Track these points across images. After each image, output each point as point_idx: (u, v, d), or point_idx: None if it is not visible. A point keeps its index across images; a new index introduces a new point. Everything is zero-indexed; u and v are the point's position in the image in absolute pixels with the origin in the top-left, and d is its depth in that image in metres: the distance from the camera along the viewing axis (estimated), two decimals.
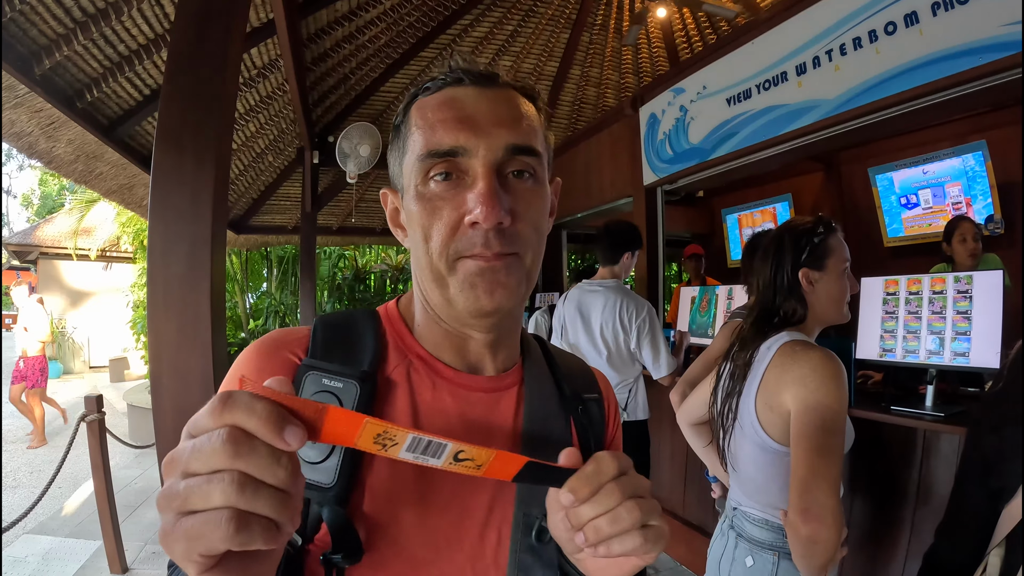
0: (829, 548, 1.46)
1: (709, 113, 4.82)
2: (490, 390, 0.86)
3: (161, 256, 2.35)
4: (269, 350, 0.81)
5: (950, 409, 2.64)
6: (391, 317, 0.90)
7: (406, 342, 0.87)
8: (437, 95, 0.80)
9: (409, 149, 0.80)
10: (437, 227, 0.76)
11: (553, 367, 0.97)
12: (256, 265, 11.64)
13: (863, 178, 6.73)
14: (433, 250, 0.77)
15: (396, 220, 0.89)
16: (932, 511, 2.62)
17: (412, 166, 0.79)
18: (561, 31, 7.27)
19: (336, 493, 0.72)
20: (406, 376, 0.83)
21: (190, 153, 2.37)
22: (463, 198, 0.75)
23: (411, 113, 0.82)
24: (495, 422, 0.85)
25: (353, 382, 0.77)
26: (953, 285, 2.69)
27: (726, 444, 1.90)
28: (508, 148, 0.76)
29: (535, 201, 0.80)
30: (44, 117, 4.21)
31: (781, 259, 1.84)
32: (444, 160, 0.76)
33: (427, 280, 0.81)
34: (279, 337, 0.83)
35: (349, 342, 0.84)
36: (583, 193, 6.92)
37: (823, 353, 1.65)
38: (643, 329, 3.54)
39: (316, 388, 0.76)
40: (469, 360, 0.87)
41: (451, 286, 0.77)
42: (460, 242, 0.76)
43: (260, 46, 5.16)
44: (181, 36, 2.46)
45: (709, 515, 4.03)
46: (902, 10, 3.24)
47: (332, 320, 0.87)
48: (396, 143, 0.85)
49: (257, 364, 0.79)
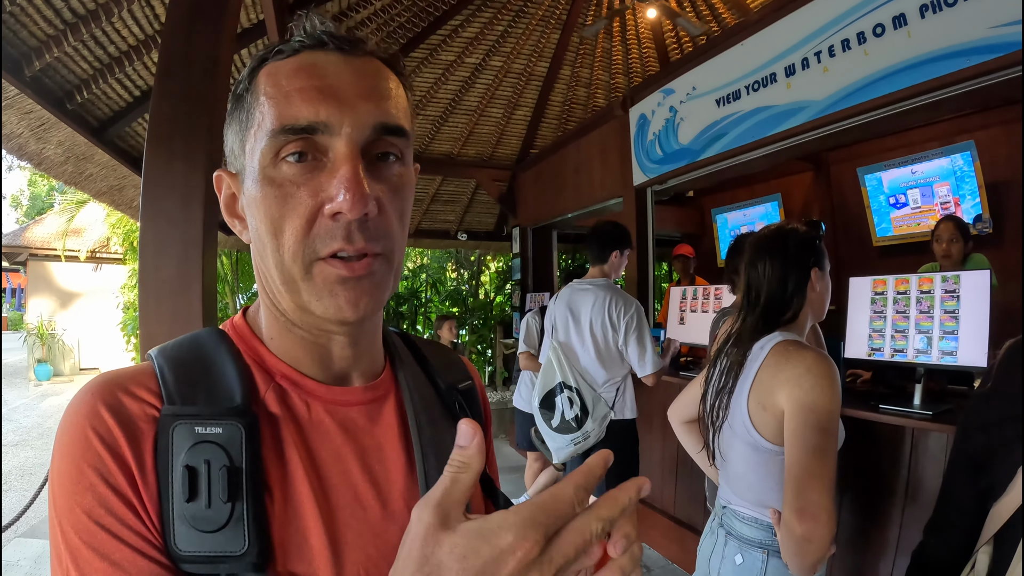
0: (822, 547, 1.48)
1: (699, 114, 4.83)
2: (366, 402, 0.77)
3: (153, 258, 2.35)
4: (113, 400, 0.62)
5: (938, 407, 2.66)
6: (241, 334, 0.76)
7: (266, 361, 0.74)
8: (293, 59, 0.68)
9: (255, 123, 0.67)
10: (290, 220, 0.65)
11: (424, 363, 0.90)
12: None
13: (852, 178, 6.75)
14: (285, 248, 0.66)
15: (232, 209, 0.75)
16: (921, 508, 2.63)
17: (259, 143, 0.66)
18: (551, 32, 7.28)
19: (252, 559, 0.60)
20: (279, 402, 0.71)
21: (181, 155, 2.36)
22: (321, 183, 0.64)
23: (259, 79, 0.68)
24: (382, 436, 0.76)
25: (233, 423, 0.63)
26: (941, 285, 2.70)
27: (715, 441, 1.91)
28: (376, 126, 0.66)
29: (402, 188, 0.71)
30: (34, 118, 4.20)
31: (794, 258, 1.85)
32: (300, 138, 0.64)
33: (275, 282, 0.70)
34: (118, 383, 0.65)
35: (206, 376, 0.68)
36: (573, 194, 6.93)
37: (817, 353, 1.67)
38: (630, 326, 3.58)
39: (191, 440, 0.61)
40: (333, 370, 0.76)
41: (304, 292, 0.67)
42: (318, 239, 0.65)
43: (250, 47, 5.15)
44: (172, 37, 2.47)
45: (699, 513, 4.04)
46: (890, 12, 3.26)
47: (176, 353, 0.70)
48: (236, 114, 0.71)
49: (105, 422, 0.61)
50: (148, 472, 0.60)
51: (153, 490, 0.60)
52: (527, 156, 8.61)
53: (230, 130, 0.72)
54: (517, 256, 8.49)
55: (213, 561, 0.60)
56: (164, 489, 0.60)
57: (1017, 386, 1.26)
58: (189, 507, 0.59)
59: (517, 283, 8.48)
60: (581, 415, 3.40)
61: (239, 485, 0.61)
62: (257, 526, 0.61)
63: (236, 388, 0.67)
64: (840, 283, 3.13)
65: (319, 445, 0.71)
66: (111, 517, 0.58)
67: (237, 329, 0.76)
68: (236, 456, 0.62)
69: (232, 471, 0.61)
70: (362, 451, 0.73)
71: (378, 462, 0.74)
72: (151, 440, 0.61)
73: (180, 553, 0.59)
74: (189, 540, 0.59)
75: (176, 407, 0.63)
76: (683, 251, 7.02)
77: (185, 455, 0.61)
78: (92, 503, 0.58)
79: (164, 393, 0.65)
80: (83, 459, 0.59)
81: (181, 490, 0.60)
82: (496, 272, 11.56)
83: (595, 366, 3.65)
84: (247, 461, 0.62)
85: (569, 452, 3.44)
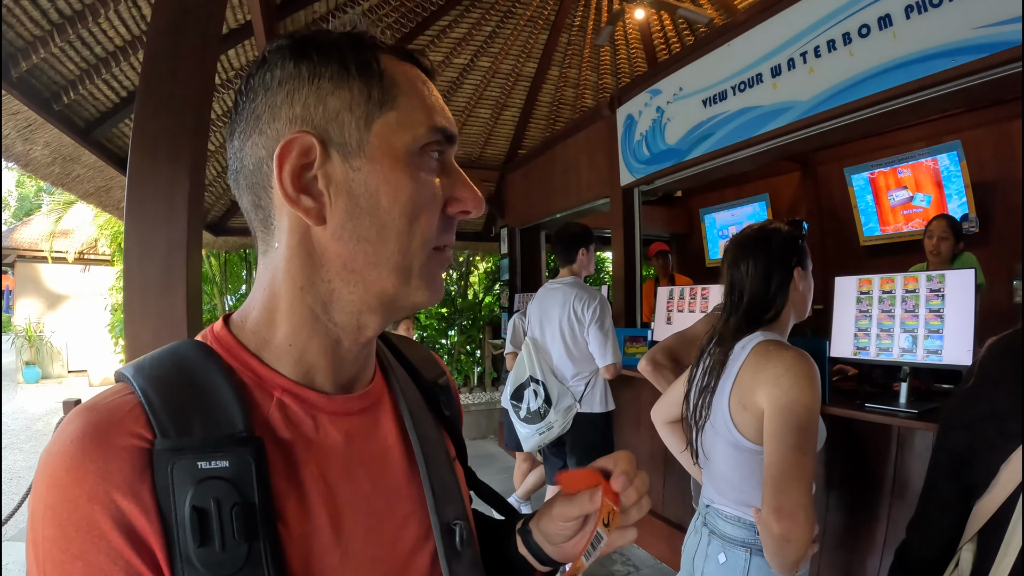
0: (801, 545, 1.48)
1: (685, 114, 4.84)
2: (365, 409, 0.75)
3: (137, 260, 2.34)
4: (101, 442, 0.56)
5: (924, 406, 2.67)
6: (227, 346, 0.69)
7: (261, 375, 0.68)
8: (412, 69, 0.71)
9: (399, 107, 0.66)
10: (429, 209, 0.67)
11: (403, 360, 0.89)
12: (235, 267, 11.53)
13: (839, 178, 6.79)
14: (418, 235, 0.67)
15: (303, 181, 0.66)
16: (908, 506, 2.64)
17: (409, 128, 0.66)
18: (539, 32, 7.28)
19: None
20: (285, 420, 0.67)
21: (166, 157, 2.35)
22: (445, 184, 0.70)
23: (390, 67, 0.68)
24: (383, 443, 0.76)
25: (240, 452, 0.59)
26: (926, 284, 2.72)
27: (698, 440, 1.92)
28: None
29: None
30: (21, 120, 4.17)
31: (777, 257, 1.86)
32: (449, 143, 0.71)
33: (383, 269, 0.67)
34: (104, 420, 0.58)
35: (199, 399, 0.62)
36: (561, 194, 6.93)
37: (796, 353, 1.68)
38: (592, 318, 3.74)
39: (194, 477, 0.56)
40: (345, 374, 0.74)
41: (416, 278, 0.68)
42: (441, 232, 0.70)
43: (237, 48, 5.13)
44: (157, 38, 2.45)
45: (687, 513, 4.05)
46: (876, 13, 3.27)
47: (158, 374, 0.63)
48: (358, 87, 0.67)
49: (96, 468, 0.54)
50: (152, 517, 0.55)
51: (160, 536, 0.55)
52: (515, 157, 8.60)
53: (335, 96, 0.66)
54: (505, 256, 8.49)
55: None
56: (169, 533, 0.55)
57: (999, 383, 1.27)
58: (201, 552, 0.55)
59: (505, 283, 8.48)
60: (545, 406, 3.72)
61: (254, 522, 0.58)
62: (276, 564, 0.58)
63: (236, 411, 0.62)
64: (826, 282, 3.15)
65: (330, 461, 0.68)
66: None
67: (221, 341, 0.70)
68: (247, 491, 0.58)
69: (246, 508, 0.57)
70: (368, 459, 0.73)
71: (384, 470, 0.74)
72: (149, 481, 0.56)
73: None
74: None
75: (171, 440, 0.57)
76: (661, 248, 7.06)
77: (191, 495, 0.56)
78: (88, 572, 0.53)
79: (155, 424, 0.58)
80: (71, 525, 0.54)
81: (192, 535, 0.55)
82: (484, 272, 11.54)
83: (564, 361, 3.84)
84: (260, 495, 0.59)
85: (536, 442, 3.77)
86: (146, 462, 0.56)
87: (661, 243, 7.44)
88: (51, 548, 0.53)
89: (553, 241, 4.06)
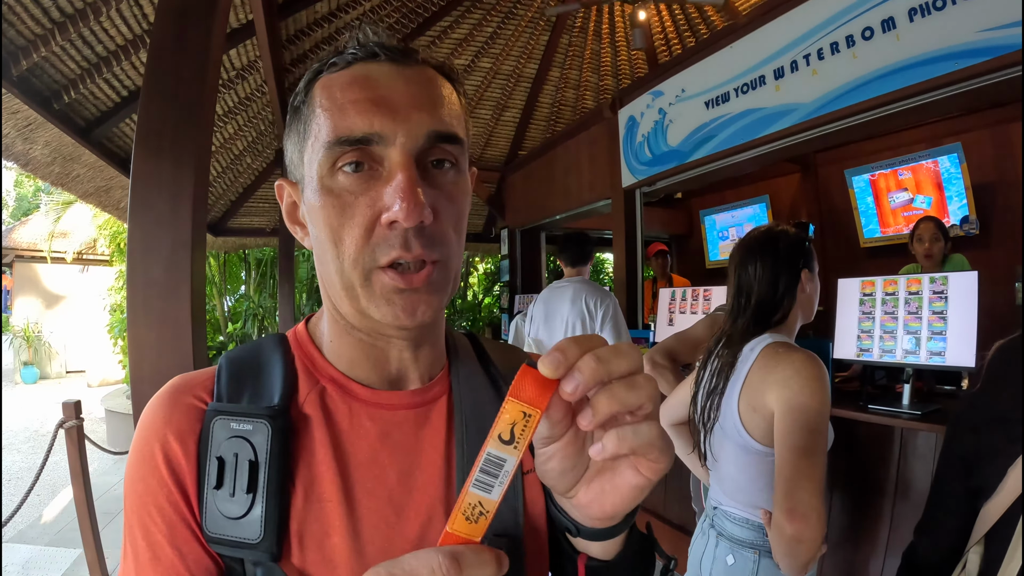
0: (813, 547, 1.49)
1: (688, 116, 4.85)
2: (415, 405, 0.78)
3: (141, 260, 2.32)
4: (172, 398, 0.72)
5: (927, 407, 2.67)
6: (300, 340, 0.81)
7: (317, 365, 0.78)
8: (347, 72, 0.70)
9: (312, 134, 0.69)
10: (349, 228, 0.67)
11: (483, 358, 0.89)
12: (234, 268, 11.53)
13: (840, 180, 6.79)
14: (345, 257, 0.68)
15: (294, 216, 0.79)
16: (910, 508, 2.64)
17: (316, 154, 0.68)
18: (541, 33, 7.28)
19: (267, 548, 0.65)
20: (319, 404, 0.74)
21: (169, 155, 2.34)
22: (378, 192, 0.66)
23: (314, 91, 0.71)
24: (425, 441, 0.76)
25: (263, 422, 0.68)
26: (929, 286, 2.72)
27: (707, 442, 1.92)
28: (429, 135, 0.67)
29: (457, 195, 0.72)
30: (21, 119, 4.16)
31: (784, 259, 1.86)
32: (356, 148, 0.66)
33: (336, 288, 0.71)
34: (182, 383, 0.74)
35: (256, 377, 0.75)
36: (562, 195, 6.94)
37: (806, 355, 1.68)
38: (606, 316, 3.79)
39: (226, 434, 0.68)
40: (390, 373, 0.78)
41: (363, 298, 0.69)
42: (377, 248, 0.66)
43: (239, 47, 5.12)
44: (160, 36, 2.44)
45: (688, 514, 4.05)
46: (880, 15, 3.28)
47: (238, 355, 0.78)
48: (295, 126, 0.74)
49: (163, 415, 0.70)
50: (191, 460, 0.68)
51: (194, 476, 0.68)
52: (516, 158, 8.60)
53: (289, 141, 0.76)
54: (505, 258, 8.49)
55: (235, 546, 0.66)
56: (201, 474, 0.68)
57: (1006, 386, 1.26)
58: (217, 494, 0.67)
59: (505, 285, 8.48)
60: None
61: (258, 478, 0.67)
62: (274, 518, 0.66)
63: (277, 389, 0.73)
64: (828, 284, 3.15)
65: (354, 447, 0.73)
66: (170, 510, 0.67)
67: (297, 335, 0.82)
68: (261, 451, 0.67)
69: (254, 465, 0.67)
70: (401, 455, 0.75)
71: (417, 467, 0.75)
72: (197, 433, 0.70)
73: (209, 535, 0.66)
74: (215, 524, 0.66)
75: (221, 404, 0.71)
76: (660, 248, 7.07)
77: (220, 447, 0.68)
78: (153, 499, 0.68)
79: (216, 391, 0.73)
80: (139, 454, 0.69)
81: (212, 478, 0.67)
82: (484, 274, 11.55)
83: None
84: (270, 457, 0.67)
85: None
86: (198, 418, 0.70)
87: (659, 243, 7.45)
88: (128, 469, 0.70)
89: (563, 242, 4.10)
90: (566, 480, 0.57)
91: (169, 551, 0.66)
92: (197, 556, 0.67)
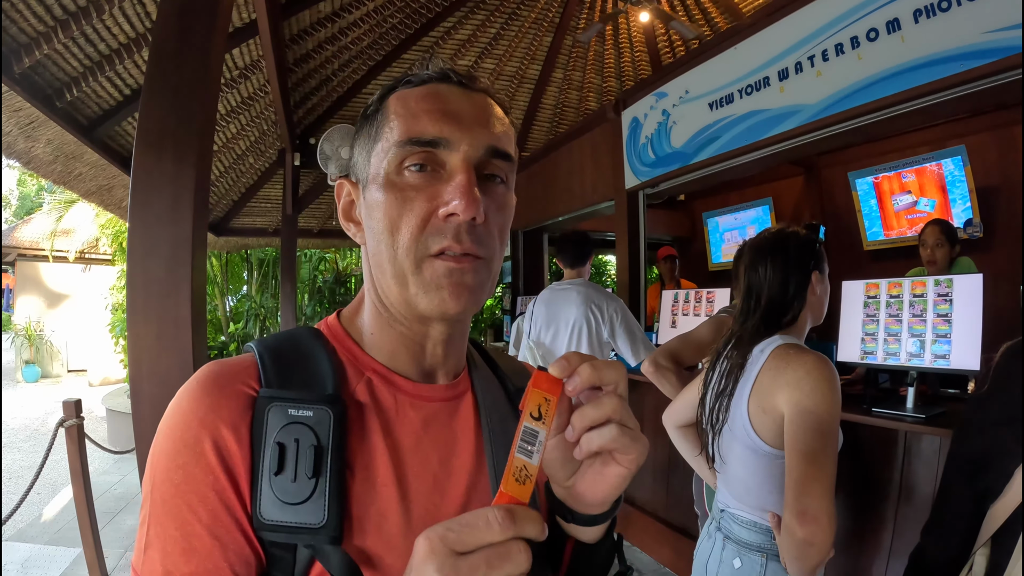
0: (823, 550, 1.49)
1: (691, 117, 4.83)
2: (447, 399, 0.85)
3: (141, 259, 2.32)
4: (218, 386, 0.72)
5: (931, 411, 2.66)
6: (336, 334, 0.84)
7: (359, 358, 0.82)
8: (421, 88, 0.78)
9: (383, 137, 0.76)
10: (407, 219, 0.73)
11: (494, 367, 0.98)
12: (236, 268, 11.55)
13: (843, 182, 6.79)
14: (400, 244, 0.73)
15: (350, 214, 0.85)
16: (914, 510, 2.63)
17: (385, 153, 0.75)
18: (544, 34, 7.30)
19: (330, 533, 0.67)
20: (369, 394, 0.79)
21: (171, 154, 2.34)
22: (437, 190, 0.73)
23: (389, 102, 0.78)
24: (458, 431, 0.84)
25: (324, 408, 0.71)
26: (933, 289, 2.70)
27: (715, 444, 1.90)
28: (488, 148, 0.75)
29: (504, 207, 0.80)
30: (23, 117, 4.16)
31: (795, 261, 1.85)
32: (424, 150, 0.73)
33: (387, 277, 0.77)
34: (224, 370, 0.75)
35: (302, 366, 0.78)
36: (565, 196, 6.92)
37: (816, 357, 1.67)
38: (616, 319, 3.73)
39: (283, 421, 0.70)
40: (424, 366, 0.84)
41: (412, 285, 0.74)
42: (430, 237, 0.72)
43: (242, 46, 5.13)
44: (163, 35, 2.44)
45: (693, 518, 4.04)
46: (884, 17, 3.27)
47: (276, 344, 0.79)
48: (365, 131, 0.81)
49: (210, 403, 0.70)
50: (244, 447, 0.69)
51: (247, 463, 0.69)
52: (518, 159, 8.54)
53: (357, 144, 0.83)
54: (508, 259, 8.48)
55: (293, 531, 0.67)
56: (256, 462, 0.69)
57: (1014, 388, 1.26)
58: (277, 480, 0.68)
59: (507, 286, 8.48)
60: None
61: (323, 463, 0.69)
62: (337, 502, 0.68)
63: (329, 378, 0.76)
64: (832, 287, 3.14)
65: (402, 435, 0.78)
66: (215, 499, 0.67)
67: (331, 329, 0.85)
68: (323, 437, 0.70)
69: (318, 450, 0.69)
70: (441, 443, 0.81)
71: (454, 454, 0.82)
72: (248, 420, 0.70)
73: (263, 522, 0.67)
74: (273, 510, 0.67)
75: (273, 390, 0.72)
76: (669, 252, 7.06)
77: (278, 433, 0.69)
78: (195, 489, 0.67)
79: (263, 377, 0.74)
80: (182, 441, 0.69)
81: (271, 464, 0.68)
82: None
83: None
84: (333, 442, 0.70)
85: None
86: (249, 405, 0.71)
87: (669, 247, 7.43)
88: (161, 458, 0.69)
89: (562, 243, 4.04)
90: (565, 470, 0.69)
91: (208, 541, 0.66)
92: (238, 547, 0.68)
